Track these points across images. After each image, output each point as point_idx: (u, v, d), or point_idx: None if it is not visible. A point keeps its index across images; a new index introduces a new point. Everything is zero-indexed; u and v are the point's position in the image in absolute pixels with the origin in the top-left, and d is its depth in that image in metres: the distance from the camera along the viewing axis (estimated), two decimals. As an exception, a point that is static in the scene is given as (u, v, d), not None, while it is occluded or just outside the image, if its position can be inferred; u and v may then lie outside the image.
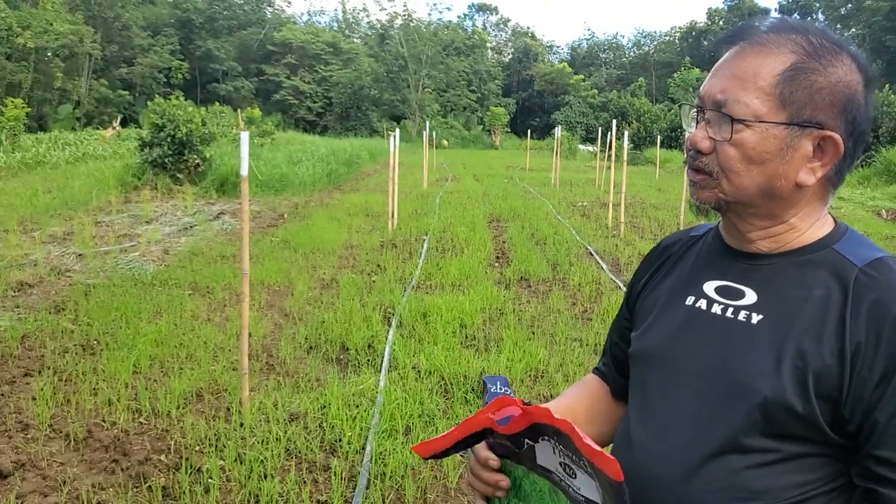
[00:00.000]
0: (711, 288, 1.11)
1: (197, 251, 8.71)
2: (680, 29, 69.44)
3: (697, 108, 1.07)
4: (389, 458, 3.59)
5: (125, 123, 40.94)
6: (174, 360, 4.95)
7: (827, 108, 1.00)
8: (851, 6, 50.66)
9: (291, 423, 4.03)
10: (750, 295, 1.06)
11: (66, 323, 5.65)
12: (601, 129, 21.74)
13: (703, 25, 64.75)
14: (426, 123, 27.88)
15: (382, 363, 4.97)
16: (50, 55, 39.80)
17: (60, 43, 39.85)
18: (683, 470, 1.03)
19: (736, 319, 1.05)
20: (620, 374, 1.31)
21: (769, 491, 0.98)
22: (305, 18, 75.02)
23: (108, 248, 8.84)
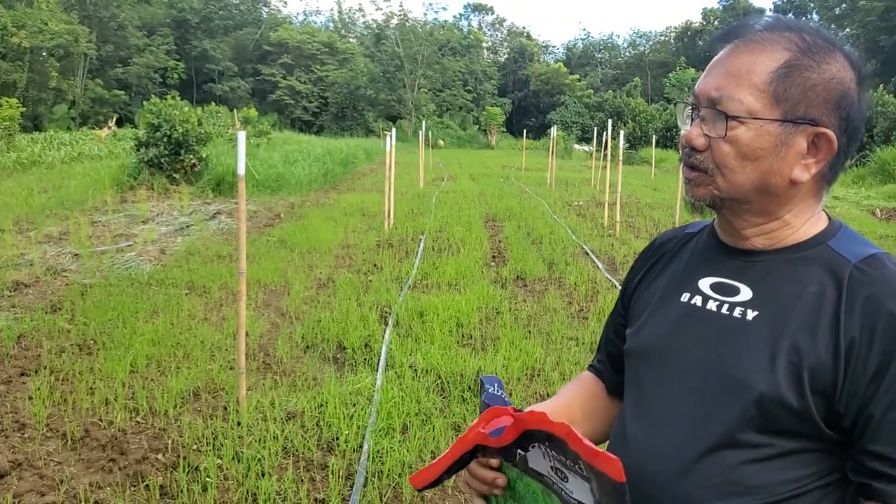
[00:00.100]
0: (707, 284, 1.11)
1: (193, 251, 8.70)
2: (675, 29, 69.63)
3: (692, 105, 1.07)
4: (387, 456, 3.60)
5: (121, 123, 40.92)
6: (171, 359, 4.94)
7: (821, 104, 1.00)
8: (846, 6, 50.78)
9: (289, 421, 4.04)
10: (745, 291, 1.06)
11: (62, 323, 5.65)
12: (597, 128, 21.76)
13: (698, 25, 64.87)
14: (422, 123, 27.90)
15: (379, 362, 4.97)
16: (45, 55, 39.71)
17: (55, 42, 39.76)
18: (679, 466, 1.03)
19: (731, 316, 1.06)
20: (615, 370, 1.31)
21: (765, 486, 0.99)
22: (301, 18, 75.07)
23: (104, 247, 8.83)
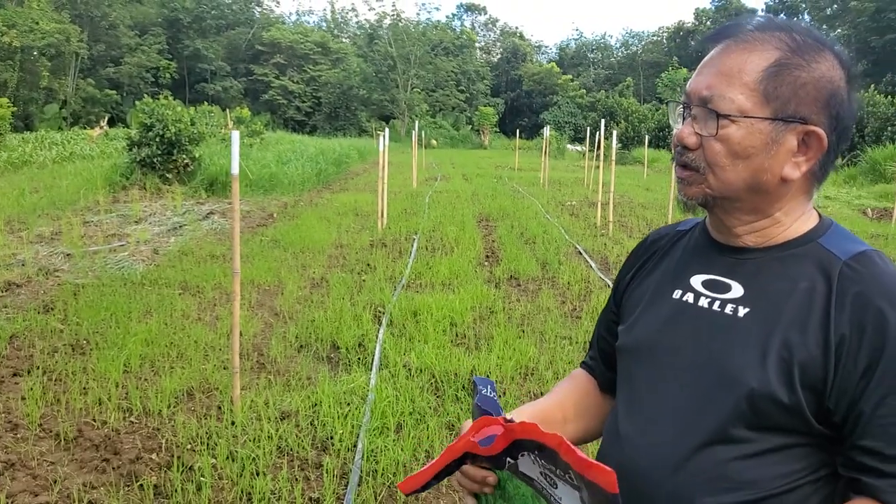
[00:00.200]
0: (698, 282, 1.12)
1: (186, 251, 8.68)
2: (668, 29, 69.75)
3: (684, 104, 1.08)
4: (381, 455, 3.61)
5: (112, 123, 40.71)
6: (165, 359, 4.94)
7: (811, 103, 1.02)
8: (837, 7, 50.97)
9: (283, 421, 4.04)
10: (736, 288, 1.07)
11: (55, 323, 5.63)
12: (589, 128, 21.81)
13: (690, 25, 65.00)
14: (415, 123, 27.86)
15: (373, 361, 4.98)
16: (36, 54, 39.49)
17: (46, 42, 39.55)
18: (672, 462, 1.04)
19: (722, 313, 1.06)
20: (608, 367, 1.32)
21: (757, 482, 1.00)
22: (294, 18, 75.01)
23: (96, 247, 8.80)
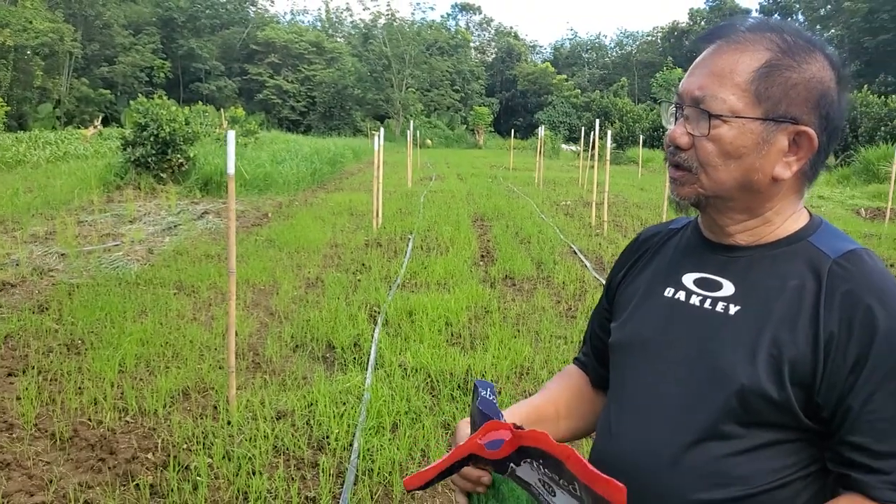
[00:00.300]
0: (690, 280, 1.13)
1: (181, 250, 8.67)
2: (662, 29, 69.99)
3: (676, 104, 1.10)
4: (377, 454, 3.62)
5: (106, 123, 40.65)
6: (160, 358, 4.94)
7: (801, 103, 1.03)
8: (831, 7, 51.12)
9: (279, 420, 4.04)
10: (727, 286, 1.09)
11: (49, 322, 5.62)
12: (584, 128, 21.84)
13: (685, 26, 65.19)
14: (410, 123, 27.89)
15: (369, 361, 4.98)
16: (29, 53, 39.39)
17: (40, 41, 39.44)
18: (665, 459, 1.05)
19: (714, 310, 1.08)
20: (600, 363, 1.33)
21: (749, 477, 1.01)
22: (289, 18, 74.83)
23: (91, 247, 8.78)
